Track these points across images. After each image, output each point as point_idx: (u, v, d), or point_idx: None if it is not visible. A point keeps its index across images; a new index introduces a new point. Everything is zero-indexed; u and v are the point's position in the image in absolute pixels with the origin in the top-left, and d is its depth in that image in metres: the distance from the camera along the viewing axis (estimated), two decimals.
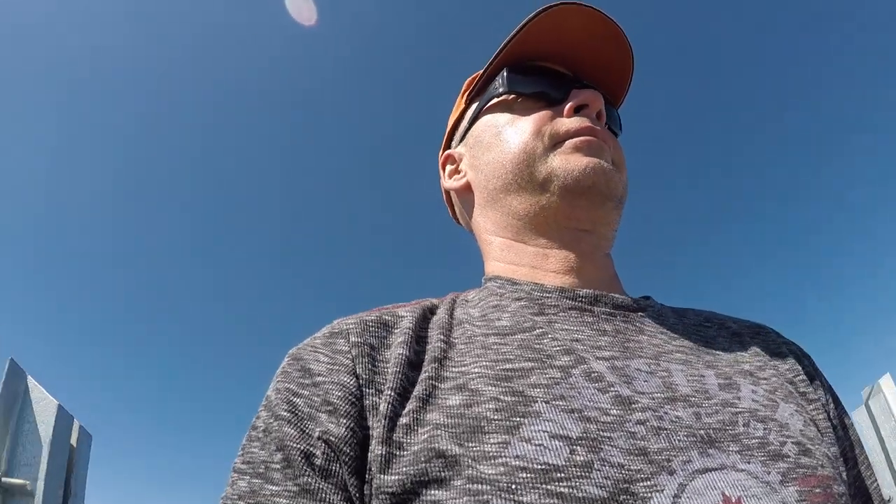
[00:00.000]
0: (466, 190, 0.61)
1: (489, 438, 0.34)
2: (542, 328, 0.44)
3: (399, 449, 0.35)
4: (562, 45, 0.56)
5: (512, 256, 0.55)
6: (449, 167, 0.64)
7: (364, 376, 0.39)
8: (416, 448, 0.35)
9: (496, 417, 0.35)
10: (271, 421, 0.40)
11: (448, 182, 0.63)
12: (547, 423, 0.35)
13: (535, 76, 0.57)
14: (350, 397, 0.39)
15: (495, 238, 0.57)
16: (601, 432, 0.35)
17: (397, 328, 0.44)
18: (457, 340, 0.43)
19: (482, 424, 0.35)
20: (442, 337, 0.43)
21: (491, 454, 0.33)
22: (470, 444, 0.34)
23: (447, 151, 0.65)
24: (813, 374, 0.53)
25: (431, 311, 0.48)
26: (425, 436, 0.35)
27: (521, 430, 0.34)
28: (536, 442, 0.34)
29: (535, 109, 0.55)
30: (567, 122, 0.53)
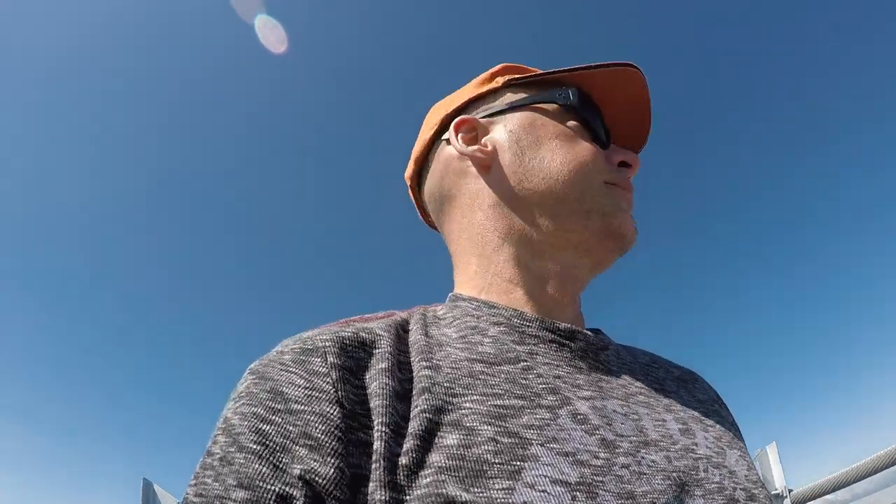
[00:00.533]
0: (484, 165, 0.57)
1: (493, 483, 0.34)
2: (525, 361, 0.45)
3: (402, 493, 0.33)
4: (612, 100, 0.59)
5: (510, 273, 0.53)
6: (465, 133, 0.60)
7: (348, 406, 0.37)
8: (420, 492, 0.33)
9: (496, 461, 0.35)
10: (232, 450, 0.36)
11: (464, 147, 0.59)
12: (546, 468, 0.35)
13: (595, 112, 0.58)
14: (335, 431, 0.35)
15: (505, 245, 0.54)
16: (594, 476, 0.36)
17: (376, 349, 0.41)
18: (441, 364, 0.42)
19: (484, 468, 0.35)
20: (426, 364, 0.42)
21: (498, 500, 0.33)
22: (475, 490, 0.33)
23: (467, 116, 0.61)
24: (735, 424, 0.57)
25: (404, 328, 0.47)
26: (428, 479, 0.34)
27: (522, 474, 0.35)
28: (540, 488, 0.34)
29: (585, 139, 0.56)
30: (620, 172, 0.56)
